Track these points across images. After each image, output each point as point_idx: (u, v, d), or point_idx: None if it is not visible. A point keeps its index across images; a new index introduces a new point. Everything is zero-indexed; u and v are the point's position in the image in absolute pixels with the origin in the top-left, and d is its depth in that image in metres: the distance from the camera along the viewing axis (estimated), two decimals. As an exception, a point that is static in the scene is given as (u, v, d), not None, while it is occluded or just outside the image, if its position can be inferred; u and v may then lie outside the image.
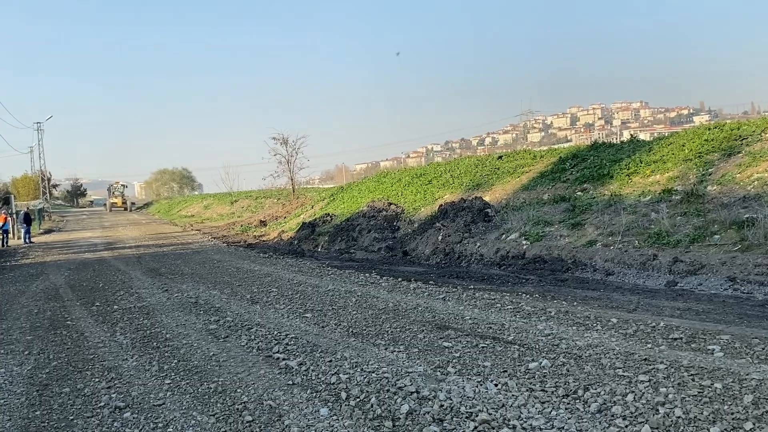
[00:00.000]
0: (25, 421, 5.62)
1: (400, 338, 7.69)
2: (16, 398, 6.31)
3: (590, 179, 17.05)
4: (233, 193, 59.92)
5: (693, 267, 10.58)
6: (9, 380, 6.98)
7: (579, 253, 12.94)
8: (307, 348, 7.50)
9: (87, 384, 6.62)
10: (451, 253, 16.04)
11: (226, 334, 8.60)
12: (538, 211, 16.27)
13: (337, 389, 5.87)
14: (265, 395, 5.85)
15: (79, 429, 5.31)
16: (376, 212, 22.79)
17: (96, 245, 28.34)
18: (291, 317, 9.49)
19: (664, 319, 7.77)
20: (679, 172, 14.72)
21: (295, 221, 30.54)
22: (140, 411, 5.66)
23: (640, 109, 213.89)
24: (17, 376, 7.12)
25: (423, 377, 6.02)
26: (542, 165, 20.73)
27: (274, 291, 12.10)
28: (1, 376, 7.18)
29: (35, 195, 79.66)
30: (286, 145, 39.62)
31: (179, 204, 73.49)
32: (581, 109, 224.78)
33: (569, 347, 6.77)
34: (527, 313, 8.71)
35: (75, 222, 54.72)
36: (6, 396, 6.40)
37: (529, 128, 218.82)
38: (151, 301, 11.81)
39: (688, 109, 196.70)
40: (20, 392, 6.51)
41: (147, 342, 8.41)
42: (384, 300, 10.39)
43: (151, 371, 6.96)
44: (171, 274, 15.82)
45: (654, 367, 5.85)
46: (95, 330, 9.46)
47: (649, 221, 12.87)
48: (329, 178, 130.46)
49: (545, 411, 4.98)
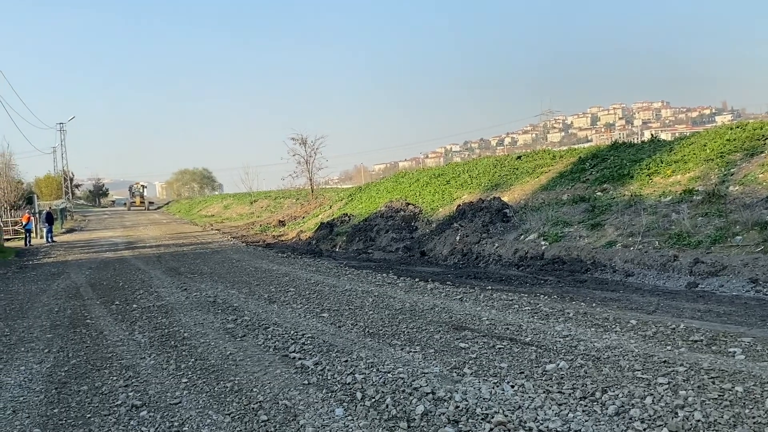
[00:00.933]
0: (43, 418, 5.67)
1: (416, 339, 7.67)
2: (35, 396, 6.37)
3: (610, 179, 16.88)
4: (253, 193, 60.20)
5: (714, 268, 10.44)
6: (29, 378, 7.05)
7: (598, 254, 12.82)
8: (324, 348, 7.50)
9: (105, 382, 6.67)
10: (468, 253, 15.98)
11: (244, 333, 8.62)
12: (557, 211, 16.16)
13: (352, 389, 5.85)
14: (280, 395, 5.86)
15: (97, 427, 5.34)
16: (393, 212, 22.77)
17: (117, 244, 28.62)
18: (308, 317, 9.50)
19: (685, 321, 7.67)
20: (700, 172, 14.53)
21: (313, 221, 30.62)
22: (157, 409, 5.69)
23: (661, 109, 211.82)
24: (37, 374, 7.19)
25: (439, 378, 5.99)
26: (562, 165, 20.58)
27: (291, 290, 12.13)
28: (21, 373, 7.26)
29: (58, 195, 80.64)
30: (304, 145, 39.78)
31: (199, 204, 74.02)
32: (602, 109, 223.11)
33: (587, 349, 6.71)
34: (545, 314, 8.64)
35: (97, 221, 55.31)
36: (25, 393, 6.46)
37: (549, 128, 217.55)
38: (170, 300, 11.89)
39: (711, 108, 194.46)
40: (39, 390, 6.57)
41: (165, 341, 8.46)
42: (401, 300, 10.37)
43: (169, 370, 7.00)
44: (190, 274, 15.92)
45: (673, 369, 5.77)
46: (114, 328, 9.54)
47: (669, 222, 12.72)
48: (348, 178, 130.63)
49: (562, 413, 4.93)
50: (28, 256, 25.57)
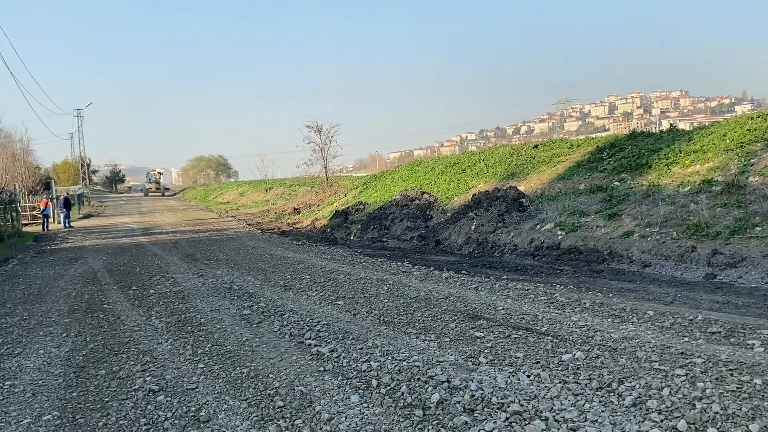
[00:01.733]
0: (62, 402, 5.73)
1: (431, 327, 7.66)
2: (54, 379, 6.44)
3: (628, 169, 16.73)
4: (268, 180, 60.41)
5: (733, 259, 10.34)
6: (47, 361, 7.13)
7: (615, 244, 12.73)
8: (339, 335, 7.51)
9: (122, 367, 6.73)
10: (484, 242, 15.93)
11: (259, 319, 8.66)
12: (573, 201, 16.05)
13: (367, 377, 5.86)
14: (296, 381, 5.88)
15: (114, 411, 5.39)
16: (408, 201, 22.73)
17: (133, 230, 28.83)
18: (323, 304, 9.52)
19: (702, 313, 7.60)
20: (719, 163, 14.36)
21: (328, 209, 30.65)
22: (174, 394, 5.73)
23: (680, 98, 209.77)
24: (55, 358, 7.27)
25: (454, 367, 5.98)
26: (579, 154, 20.42)
27: (306, 278, 12.16)
28: (40, 357, 7.34)
29: (75, 181, 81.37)
30: (320, 133, 39.74)
31: (215, 191, 74.37)
32: (620, 98, 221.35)
33: (604, 339, 6.67)
34: (561, 304, 8.60)
35: (113, 207, 55.75)
36: (44, 377, 6.54)
37: (566, 117, 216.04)
38: (186, 285, 11.96)
39: (730, 98, 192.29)
40: (58, 373, 6.64)
41: (181, 326, 8.52)
42: (416, 289, 10.37)
43: (185, 355, 7.05)
44: (206, 260, 16.01)
45: (691, 361, 5.72)
46: (131, 314, 9.62)
47: (687, 212, 12.60)
48: (362, 166, 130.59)
49: (578, 403, 4.91)
50: (45, 241, 25.83)
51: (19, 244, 23.65)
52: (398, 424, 4.77)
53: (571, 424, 4.51)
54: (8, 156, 47.79)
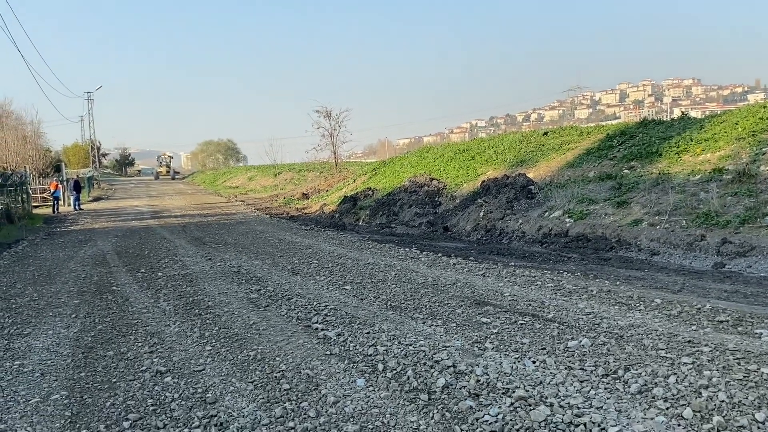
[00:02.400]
0: (70, 382, 5.78)
1: (438, 313, 7.67)
2: (63, 360, 6.50)
3: (638, 157, 16.64)
4: (277, 165, 60.43)
5: (742, 249, 10.28)
6: (56, 342, 7.19)
7: (624, 232, 12.68)
8: (346, 319, 7.54)
9: (130, 348, 6.78)
10: (492, 229, 15.90)
11: (267, 303, 8.70)
12: (582, 188, 15.99)
13: (374, 361, 5.88)
14: (303, 364, 5.91)
15: (122, 391, 5.44)
16: (417, 187, 22.70)
17: (143, 213, 28.95)
18: (330, 289, 9.54)
19: (710, 301, 7.57)
20: (731, 151, 14.25)
21: (336, 195, 30.66)
22: (181, 376, 5.77)
23: (691, 86, 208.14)
24: (64, 339, 7.33)
25: (460, 352, 6.00)
26: (589, 142, 20.32)
27: (314, 263, 12.19)
28: (49, 337, 7.41)
29: (85, 163, 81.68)
30: (329, 118, 39.62)
31: (224, 175, 74.50)
32: (631, 86, 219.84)
33: (610, 327, 6.66)
34: (568, 291, 8.59)
35: (123, 190, 55.99)
36: (53, 357, 6.60)
37: (576, 104, 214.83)
38: (194, 269, 12.02)
39: (743, 87, 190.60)
40: (67, 354, 6.70)
41: (189, 309, 8.57)
42: (423, 275, 10.37)
43: (193, 337, 7.09)
44: (214, 244, 16.07)
45: (698, 349, 5.71)
46: (139, 296, 9.68)
47: (697, 201, 12.52)
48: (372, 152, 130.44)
49: (584, 390, 4.91)
50: (55, 223, 25.98)
51: (30, 226, 23.81)
52: (403, 408, 4.79)
53: (576, 411, 4.52)
54: (19, 138, 48.00)
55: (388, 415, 4.69)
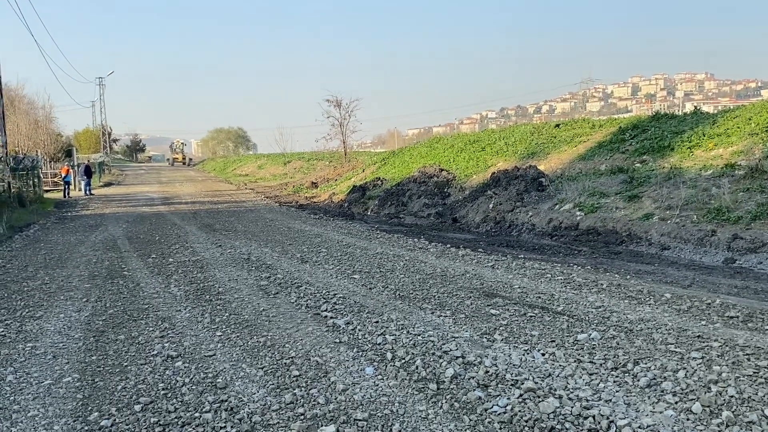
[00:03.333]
0: (82, 365, 5.84)
1: (446, 303, 7.69)
2: (74, 343, 6.55)
3: (650, 151, 16.55)
4: (286, 154, 60.39)
5: (753, 245, 10.23)
6: (68, 325, 7.25)
7: (634, 226, 12.64)
8: (355, 308, 7.56)
9: (141, 332, 6.83)
10: (501, 221, 15.88)
11: (277, 290, 8.73)
12: (594, 182, 15.93)
13: (382, 350, 5.91)
14: (312, 351, 5.94)
15: (133, 375, 5.48)
16: (426, 178, 22.68)
17: (153, 200, 29.07)
18: (339, 277, 9.57)
19: (721, 297, 7.55)
20: (743, 147, 14.15)
21: (345, 184, 30.66)
22: (191, 361, 5.81)
23: (704, 81, 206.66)
24: (75, 322, 7.39)
25: (469, 343, 6.01)
26: (601, 135, 20.21)
27: (323, 251, 12.22)
28: (61, 321, 7.47)
29: (96, 149, 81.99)
30: (339, 107, 39.52)
31: (234, 163, 74.60)
32: (643, 79, 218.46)
33: (620, 320, 6.65)
34: (578, 284, 8.58)
35: (134, 176, 56.19)
36: (65, 340, 6.65)
37: (588, 97, 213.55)
38: (204, 255, 12.07)
39: (756, 82, 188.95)
40: (78, 337, 6.76)
41: (200, 295, 8.61)
42: (432, 265, 10.38)
43: (203, 323, 7.13)
44: (224, 231, 16.13)
45: (707, 344, 5.70)
46: (150, 281, 9.74)
47: (709, 196, 12.46)
48: (381, 142, 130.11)
49: (593, 383, 4.92)
50: (66, 207, 26.14)
51: (41, 210, 23.95)
52: (412, 397, 4.81)
53: (585, 403, 4.52)
54: (31, 123, 48.22)
55: (396, 403, 4.71)
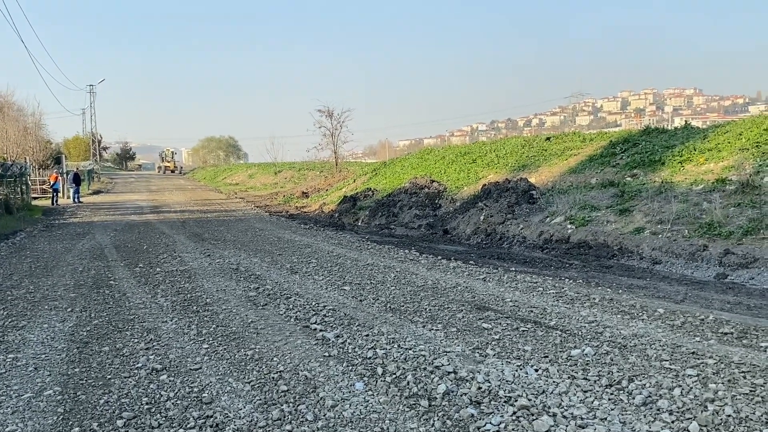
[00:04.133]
0: (64, 377, 5.68)
1: (438, 317, 7.58)
2: (57, 354, 6.40)
3: (641, 165, 16.55)
4: (277, 163, 60.29)
5: (745, 260, 10.20)
6: (51, 336, 7.09)
7: (625, 240, 12.60)
8: (345, 320, 7.44)
9: (126, 344, 6.68)
10: (492, 233, 15.82)
11: (265, 302, 8.60)
12: (584, 195, 15.90)
13: (373, 364, 5.79)
14: (301, 365, 5.81)
15: (116, 388, 5.34)
16: (418, 189, 22.61)
17: (142, 208, 28.84)
18: (329, 289, 9.45)
19: (714, 312, 7.49)
20: (734, 162, 14.17)
21: (336, 194, 30.56)
22: (177, 374, 5.67)
23: (693, 96, 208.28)
24: (59, 333, 7.23)
25: (461, 357, 5.91)
26: (591, 148, 20.22)
27: (313, 262, 12.09)
28: (44, 331, 7.30)
29: (86, 156, 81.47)
30: (330, 117, 39.49)
31: (224, 172, 74.39)
32: (632, 94, 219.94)
33: (613, 336, 6.57)
34: (570, 298, 8.50)
35: (123, 184, 55.84)
36: (47, 351, 6.49)
37: (577, 111, 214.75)
38: (193, 265, 11.92)
39: (744, 98, 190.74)
40: (61, 348, 6.60)
41: (187, 306, 8.47)
42: (423, 277, 10.28)
43: (190, 335, 6.99)
44: (214, 240, 15.97)
45: (702, 361, 5.63)
46: (137, 291, 9.58)
47: (700, 211, 12.44)
48: (372, 153, 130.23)
49: (587, 400, 4.82)
50: (54, 215, 25.87)
51: (28, 218, 23.69)
52: (403, 414, 4.70)
53: (580, 421, 4.43)
54: (20, 129, 47.90)
55: (387, 421, 4.60)
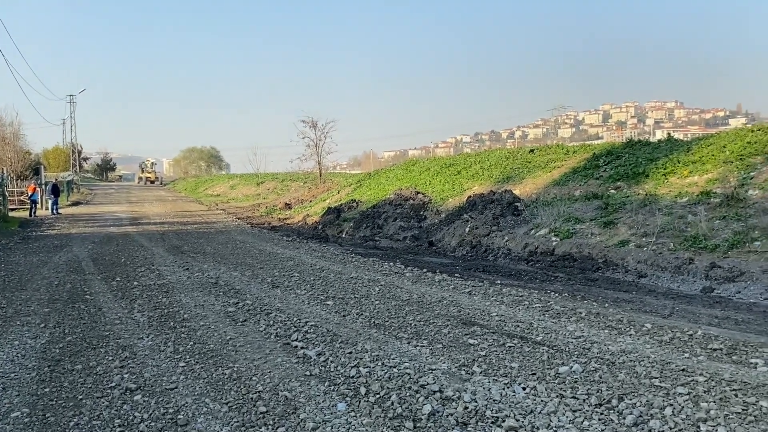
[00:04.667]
0: (33, 397, 5.44)
1: (423, 332, 7.41)
2: (27, 373, 6.14)
3: (624, 177, 16.55)
4: (260, 174, 59.98)
5: (731, 273, 10.14)
6: (22, 353, 6.83)
7: (610, 253, 12.52)
8: (327, 337, 7.25)
9: (100, 362, 6.44)
10: (477, 245, 15.70)
11: (245, 317, 8.38)
12: (569, 207, 15.84)
13: (356, 383, 5.60)
14: (280, 385, 5.61)
15: (88, 410, 5.11)
16: (402, 200, 22.47)
17: (121, 220, 28.43)
18: (312, 304, 9.25)
19: (702, 328, 7.38)
20: (718, 174, 14.18)
21: (320, 206, 30.34)
22: (152, 394, 5.45)
23: (674, 109, 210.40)
24: (30, 350, 6.97)
25: (447, 376, 5.73)
26: (575, 161, 20.23)
27: (295, 275, 11.88)
28: (15, 348, 7.04)
29: (65, 167, 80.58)
30: (315, 128, 39.39)
31: (206, 183, 73.83)
32: (614, 107, 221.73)
33: (601, 352, 6.44)
34: (556, 312, 8.37)
35: (103, 196, 55.18)
36: (17, 370, 6.24)
37: (560, 123, 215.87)
38: (171, 279, 11.67)
39: (725, 111, 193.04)
40: (32, 367, 6.34)
41: (164, 321, 8.23)
42: (408, 291, 10.11)
43: (166, 352, 6.76)
44: (193, 253, 15.70)
45: (693, 379, 5.50)
46: (113, 306, 9.32)
47: (685, 223, 12.40)
48: (357, 164, 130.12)
49: (577, 420, 4.67)
50: (32, 227, 25.41)
51: (5, 230, 23.23)
52: (387, 436, 4.52)
53: (570, 444, 4.27)
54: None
55: (370, 443, 4.41)
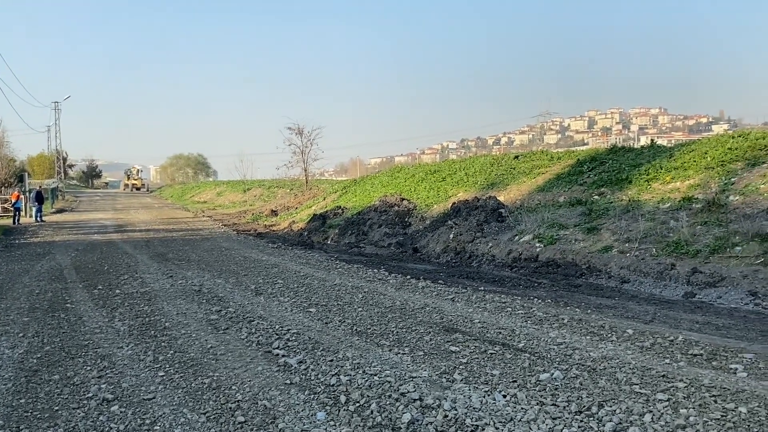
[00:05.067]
0: (8, 409, 5.36)
1: (405, 339, 7.39)
2: (3, 383, 6.06)
3: (608, 183, 16.64)
4: (246, 181, 59.80)
5: (713, 279, 10.20)
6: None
7: (594, 259, 12.57)
8: (309, 345, 7.21)
9: (78, 372, 6.37)
10: (462, 252, 15.71)
11: (227, 325, 8.33)
12: (553, 213, 15.89)
13: (336, 392, 5.57)
14: (260, 394, 5.57)
15: (63, 421, 5.04)
16: (388, 207, 22.47)
17: (106, 227, 28.21)
18: (294, 311, 9.21)
19: (683, 333, 7.41)
20: (700, 180, 14.28)
21: (306, 212, 30.28)
22: (129, 405, 5.39)
23: (658, 116, 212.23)
24: (8, 360, 6.88)
25: (427, 383, 5.71)
26: (559, 167, 20.31)
27: (279, 282, 11.83)
28: (-8, 358, 6.95)
29: (50, 174, 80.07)
30: (301, 135, 39.24)
31: (192, 189, 73.48)
32: (599, 113, 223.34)
33: (583, 358, 6.44)
34: (539, 319, 8.37)
35: (88, 203, 54.76)
36: (-7, 381, 6.16)
37: (545, 130, 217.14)
38: (154, 287, 11.58)
39: (708, 117, 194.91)
40: (8, 377, 6.26)
41: (145, 330, 8.16)
42: (391, 298, 10.09)
43: (146, 362, 6.70)
44: (177, 260, 15.60)
45: (673, 385, 5.51)
46: (94, 314, 9.23)
47: (667, 229, 12.47)
48: (343, 171, 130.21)
49: (556, 428, 4.66)
50: (15, 234, 25.16)
51: (-14, 237, 22.98)
52: (366, 446, 4.49)
53: (549, 452, 4.26)
54: (-19, 146, 46.78)
55: (349, 453, 4.38)
